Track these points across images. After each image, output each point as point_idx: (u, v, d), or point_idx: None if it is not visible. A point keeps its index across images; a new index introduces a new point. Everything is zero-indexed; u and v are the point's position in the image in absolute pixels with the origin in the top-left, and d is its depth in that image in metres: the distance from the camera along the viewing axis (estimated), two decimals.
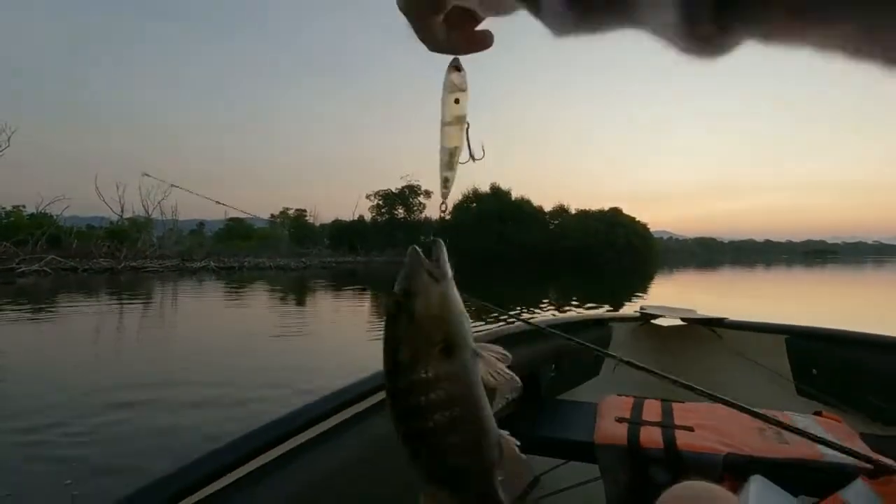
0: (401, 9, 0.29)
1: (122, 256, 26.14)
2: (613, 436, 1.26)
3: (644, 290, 19.17)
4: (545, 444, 1.35)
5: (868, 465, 0.95)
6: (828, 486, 0.95)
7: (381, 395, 1.03)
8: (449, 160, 0.34)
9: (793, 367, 1.76)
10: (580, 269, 34.88)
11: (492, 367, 0.34)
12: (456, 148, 0.34)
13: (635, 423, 1.29)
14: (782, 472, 1.00)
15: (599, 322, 2.04)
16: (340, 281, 21.63)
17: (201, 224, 52.24)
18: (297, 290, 17.68)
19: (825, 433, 1.15)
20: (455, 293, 0.34)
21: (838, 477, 0.97)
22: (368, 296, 15.59)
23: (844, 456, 0.96)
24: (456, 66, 0.32)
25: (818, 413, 1.32)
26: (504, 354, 0.35)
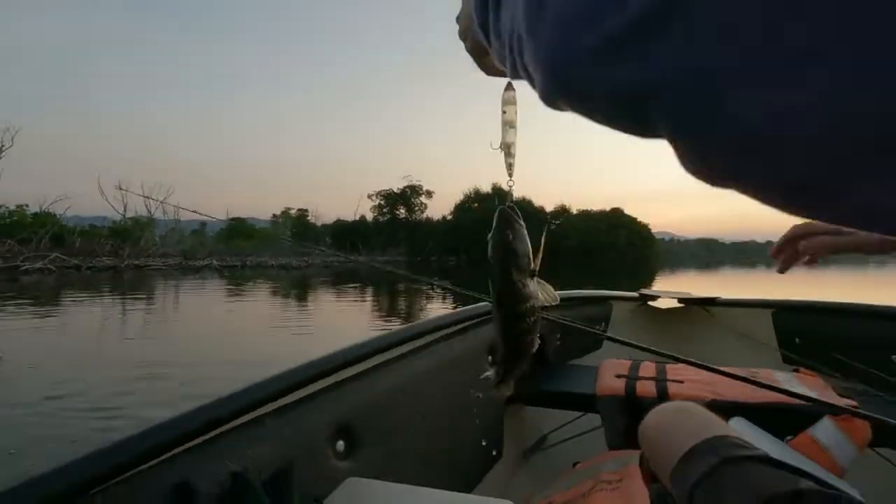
0: (467, 51, 0.41)
1: (125, 255, 26.24)
2: (612, 388, 1.40)
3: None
4: (552, 397, 1.51)
5: (834, 406, 1.07)
6: (801, 426, 1.08)
7: (414, 344, 1.09)
8: (507, 151, 0.49)
9: (778, 337, 1.90)
10: (581, 268, 34.90)
11: (544, 288, 0.50)
12: (511, 143, 0.49)
13: (632, 378, 1.43)
14: (760, 415, 1.11)
15: (601, 299, 2.14)
16: (348, 280, 21.71)
17: (203, 224, 52.44)
18: (299, 287, 17.75)
19: (800, 384, 1.29)
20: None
21: (809, 418, 1.09)
22: (370, 295, 15.66)
23: (815, 399, 1.09)
24: (509, 86, 0.45)
25: (796, 370, 1.48)
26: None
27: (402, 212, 53.31)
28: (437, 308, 12.25)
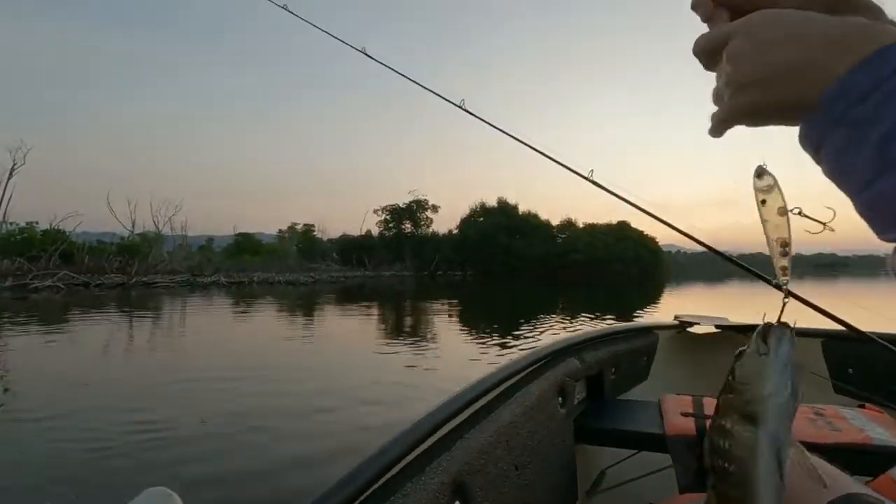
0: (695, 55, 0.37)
1: (132, 272, 26.38)
2: (682, 427, 1.38)
3: (656, 301, 18.98)
4: (614, 436, 1.49)
5: None
6: (879, 467, 1.03)
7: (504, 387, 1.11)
8: (781, 249, 0.38)
9: (830, 367, 1.86)
10: (588, 282, 34.68)
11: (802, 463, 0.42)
12: (783, 238, 0.38)
13: (699, 416, 1.42)
14: (836, 456, 1.08)
15: (646, 330, 2.13)
16: (349, 297, 21.66)
17: (210, 239, 52.74)
18: (306, 306, 17.72)
19: (870, 422, 1.25)
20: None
21: (888, 458, 1.05)
22: (376, 311, 15.59)
23: (892, 439, 1.09)
24: (760, 173, 0.37)
25: (861, 406, 1.43)
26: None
27: (407, 226, 53.46)
28: (445, 322, 12.17)
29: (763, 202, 0.37)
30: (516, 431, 1.07)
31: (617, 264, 46.38)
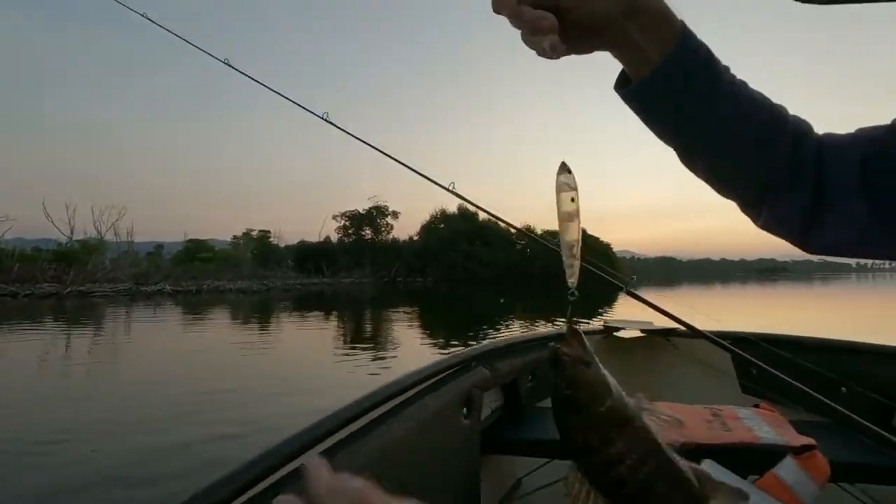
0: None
1: (68, 281, 24.59)
2: None
3: (609, 306, 19.37)
4: (529, 445, 1.48)
5: (795, 445, 1.15)
6: (765, 465, 1.12)
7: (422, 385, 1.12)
8: (570, 251, 0.39)
9: (737, 369, 2.00)
10: (548, 288, 35.19)
11: (657, 414, 0.37)
12: (575, 240, 0.39)
13: None
14: (727, 456, 1.12)
15: (564, 335, 2.08)
16: (304, 305, 20.95)
17: (159, 246, 50.19)
18: (257, 315, 16.98)
19: (760, 421, 1.33)
20: (603, 371, 0.37)
21: (773, 457, 1.14)
22: (334, 321, 15.11)
23: (777, 438, 1.19)
24: (565, 169, 0.38)
25: (756, 405, 1.51)
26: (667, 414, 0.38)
27: (368, 232, 52.73)
28: (406, 329, 11.88)
29: (572, 199, 0.38)
30: (407, 447, 1.04)
31: None
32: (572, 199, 0.37)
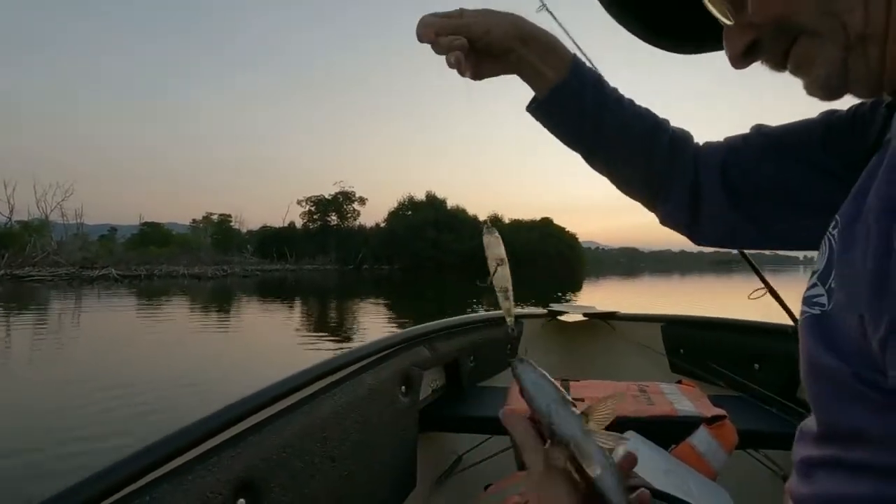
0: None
1: (1, 263, 22.84)
2: (518, 408, 1.14)
3: (574, 294, 19.53)
4: (465, 422, 1.55)
5: (707, 416, 1.25)
6: (682, 435, 1.21)
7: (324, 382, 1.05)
8: (505, 294, 0.48)
9: (667, 348, 2.14)
10: (515, 277, 35.25)
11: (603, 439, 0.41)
12: (506, 288, 0.47)
13: None
14: (651, 428, 1.20)
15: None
16: (263, 292, 20.17)
17: (113, 229, 47.64)
18: (208, 303, 16.20)
19: (681, 396, 1.42)
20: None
21: (689, 427, 1.22)
22: (297, 309, 14.54)
23: (693, 410, 1.29)
24: (488, 229, 0.49)
25: (679, 381, 1.60)
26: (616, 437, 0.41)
27: (333, 218, 51.61)
28: (372, 317, 11.47)
29: (491, 255, 0.46)
30: (338, 423, 1.05)
31: (541, 259, 47.76)
32: (498, 247, 0.45)
